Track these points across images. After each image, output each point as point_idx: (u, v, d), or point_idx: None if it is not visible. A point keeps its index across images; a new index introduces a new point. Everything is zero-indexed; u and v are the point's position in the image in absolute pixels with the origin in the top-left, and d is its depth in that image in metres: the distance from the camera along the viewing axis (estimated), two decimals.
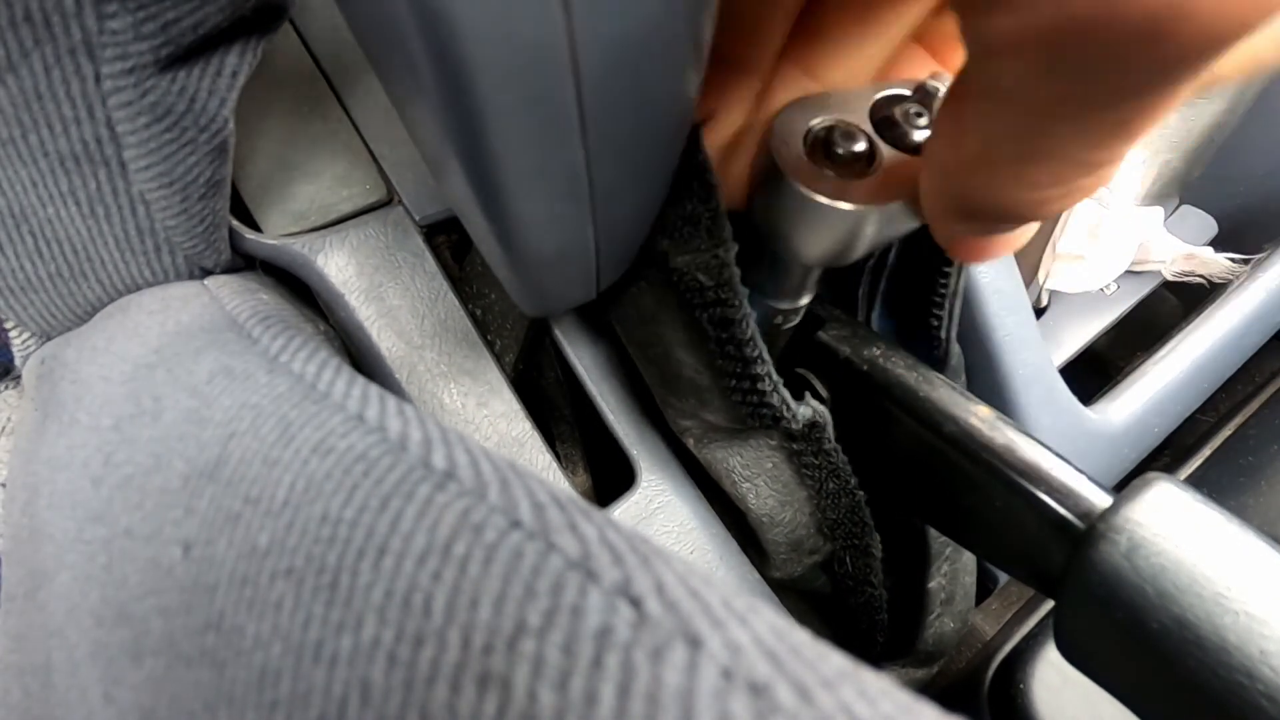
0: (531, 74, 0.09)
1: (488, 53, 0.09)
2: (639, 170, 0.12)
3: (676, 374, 0.20)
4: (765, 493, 0.21)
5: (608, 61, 0.09)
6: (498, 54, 0.09)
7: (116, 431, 0.15)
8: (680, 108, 0.12)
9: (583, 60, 0.09)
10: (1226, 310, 0.26)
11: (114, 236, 0.18)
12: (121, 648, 0.12)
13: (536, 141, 0.10)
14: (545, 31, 0.09)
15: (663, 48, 0.10)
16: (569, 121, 0.10)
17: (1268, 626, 0.13)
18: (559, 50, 0.09)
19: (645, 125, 0.11)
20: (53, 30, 0.14)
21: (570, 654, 0.08)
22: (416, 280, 0.21)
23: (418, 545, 0.09)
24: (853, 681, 0.07)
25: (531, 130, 0.10)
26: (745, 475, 0.21)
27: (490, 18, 0.08)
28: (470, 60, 0.09)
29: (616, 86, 0.10)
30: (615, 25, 0.09)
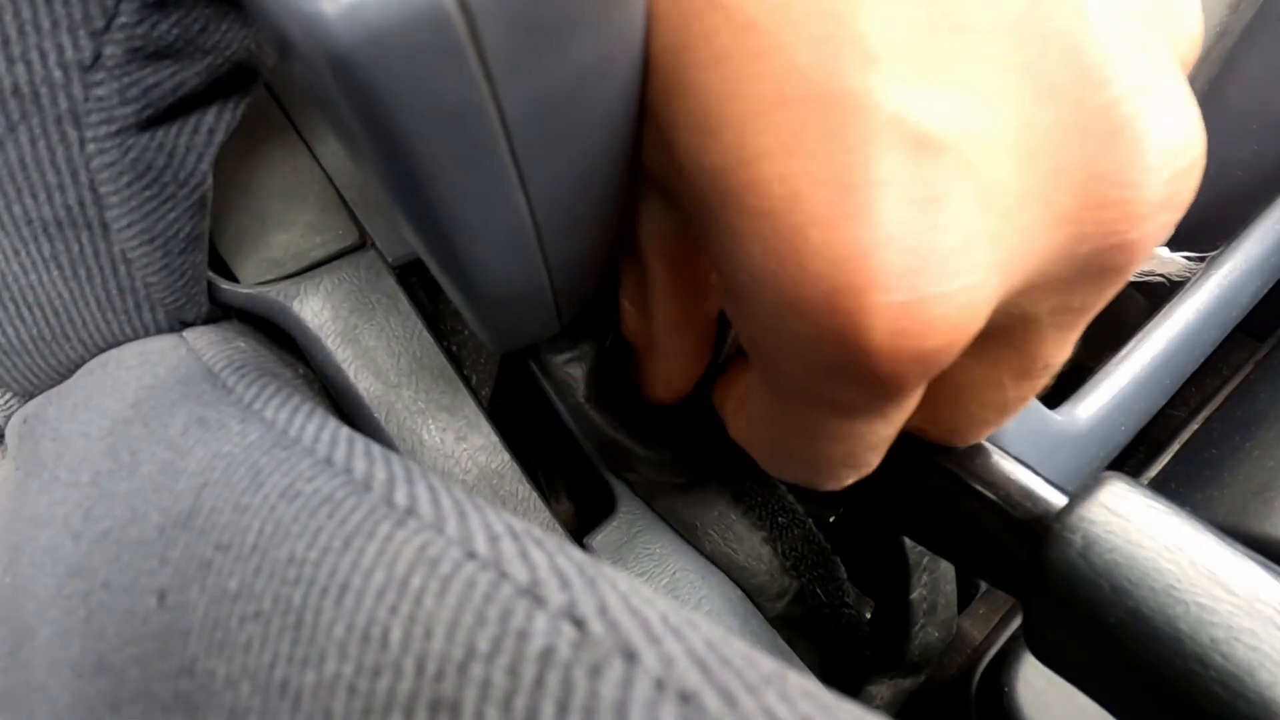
0: (463, 136, 0.10)
1: (417, 120, 0.09)
2: (584, 210, 0.13)
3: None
4: (717, 539, 0.22)
5: (535, 117, 0.10)
6: (426, 121, 0.09)
7: (95, 486, 0.15)
8: (617, 148, 0.12)
9: (511, 119, 0.10)
10: (1184, 308, 0.27)
11: (95, 297, 0.19)
12: (100, 698, 0.12)
13: (476, 194, 0.11)
14: (471, 98, 0.09)
15: (590, 100, 0.10)
16: (506, 174, 0.11)
17: (1217, 615, 0.13)
18: (487, 113, 0.09)
19: (583, 168, 0.12)
20: (40, 103, 0.15)
21: (515, 675, 0.08)
22: (391, 320, 0.22)
23: (377, 581, 0.10)
24: (776, 685, 0.08)
25: (470, 185, 0.11)
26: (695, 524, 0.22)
27: (416, 90, 0.09)
28: (402, 129, 0.09)
29: (548, 138, 0.11)
30: (537, 84, 0.10)
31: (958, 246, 0.10)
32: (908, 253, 0.09)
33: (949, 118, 0.09)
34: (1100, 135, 0.10)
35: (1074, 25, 0.10)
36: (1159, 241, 0.11)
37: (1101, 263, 0.11)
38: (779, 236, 0.10)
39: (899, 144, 0.09)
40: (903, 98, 0.09)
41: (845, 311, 0.10)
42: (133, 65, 0.15)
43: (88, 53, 0.15)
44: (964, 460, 0.18)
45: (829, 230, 0.09)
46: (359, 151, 0.11)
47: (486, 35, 0.09)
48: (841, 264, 0.09)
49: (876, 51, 0.09)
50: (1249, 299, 0.30)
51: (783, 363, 0.12)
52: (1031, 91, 0.10)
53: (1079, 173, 0.10)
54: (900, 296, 0.10)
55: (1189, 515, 0.15)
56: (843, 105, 0.09)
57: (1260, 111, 0.35)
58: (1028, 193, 0.10)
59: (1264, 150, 0.35)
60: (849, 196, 0.09)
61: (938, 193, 0.09)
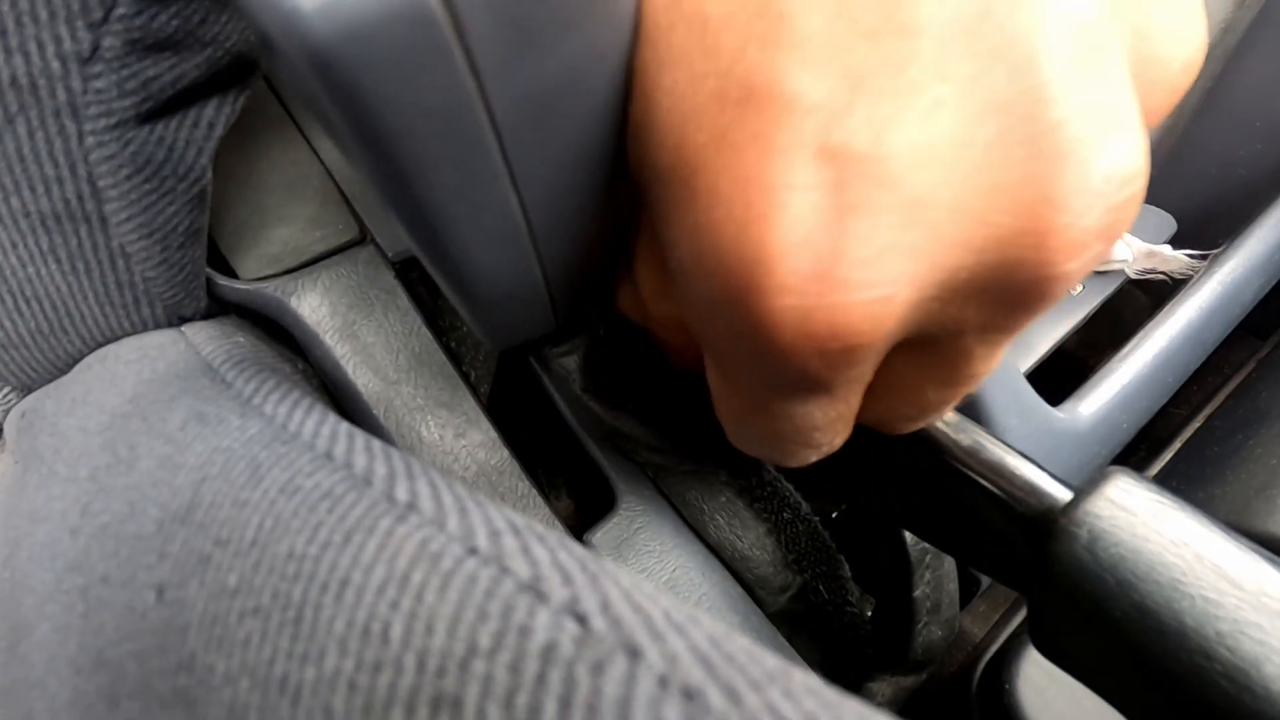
0: (451, 135, 0.09)
1: (403, 120, 0.09)
2: (576, 208, 0.13)
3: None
4: (723, 525, 0.22)
5: (525, 114, 0.10)
6: (414, 120, 0.09)
7: (93, 481, 0.15)
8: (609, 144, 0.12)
9: (500, 117, 0.10)
10: (1186, 306, 0.27)
11: (94, 291, 0.18)
12: (99, 693, 0.12)
13: (467, 193, 0.11)
14: (458, 96, 0.09)
15: (578, 96, 0.10)
16: (496, 172, 0.10)
17: (1222, 609, 0.13)
18: (475, 111, 0.09)
19: (574, 165, 0.12)
20: (39, 94, 0.15)
21: (517, 671, 0.08)
22: (390, 316, 0.22)
23: (377, 576, 0.10)
24: (780, 682, 0.08)
25: (460, 183, 0.10)
26: (702, 508, 0.22)
27: (401, 89, 0.08)
28: (388, 128, 0.09)
29: (538, 135, 0.10)
30: (526, 83, 0.09)
31: (868, 257, 0.10)
32: (815, 259, 0.09)
33: (876, 128, 0.09)
34: (1046, 157, 0.09)
35: (1026, 38, 0.09)
36: (1092, 267, 0.11)
37: (1034, 285, 0.11)
38: (701, 231, 0.10)
39: (819, 152, 0.09)
40: (830, 105, 0.09)
41: (754, 310, 0.10)
42: (131, 57, 0.15)
43: (86, 44, 0.15)
44: (969, 455, 0.18)
45: (743, 229, 0.10)
46: (348, 151, 0.10)
47: (472, 31, 0.08)
48: (751, 264, 0.10)
49: (813, 56, 0.09)
50: (1251, 297, 0.30)
51: (715, 347, 0.12)
52: (974, 104, 0.09)
53: (1022, 194, 0.10)
54: (804, 301, 0.10)
55: (1194, 510, 0.15)
56: (772, 108, 0.09)
57: (1263, 110, 0.35)
58: (961, 208, 0.10)
59: (1267, 149, 0.35)
60: (764, 198, 0.09)
61: (853, 201, 0.09)
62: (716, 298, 0.11)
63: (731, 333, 0.11)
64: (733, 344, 0.11)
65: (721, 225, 0.10)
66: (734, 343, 0.11)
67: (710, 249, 0.10)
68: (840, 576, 0.22)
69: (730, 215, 0.10)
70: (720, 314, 0.11)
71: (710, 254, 0.10)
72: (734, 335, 0.11)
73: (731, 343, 0.11)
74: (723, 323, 0.11)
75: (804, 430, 0.14)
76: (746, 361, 0.12)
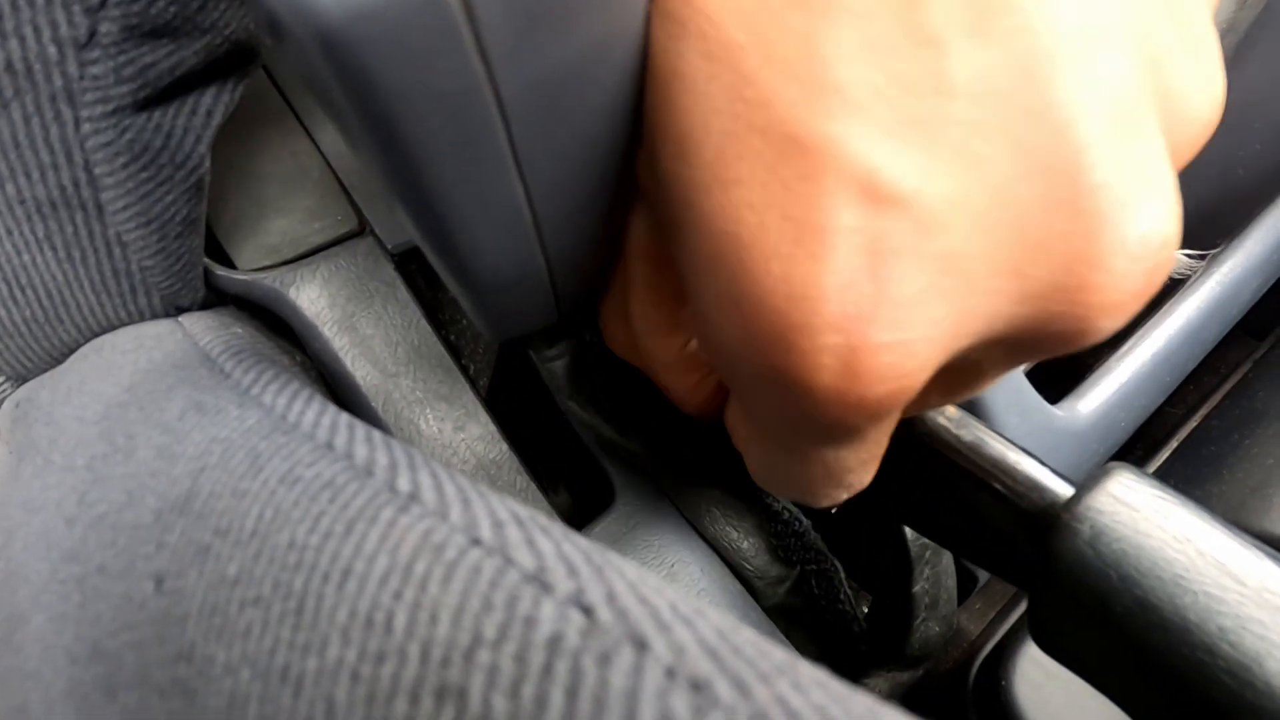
0: (459, 121, 0.09)
1: (411, 103, 0.09)
2: (583, 200, 0.13)
3: None
4: (719, 516, 0.22)
5: (533, 102, 0.10)
6: (422, 105, 0.09)
7: (90, 471, 0.15)
8: (618, 135, 0.12)
9: (508, 103, 0.09)
10: (1184, 306, 0.27)
11: (90, 280, 0.18)
12: (95, 684, 0.12)
13: (473, 180, 0.11)
14: (467, 81, 0.09)
15: (588, 85, 0.10)
16: (504, 161, 0.10)
17: (1225, 604, 0.13)
18: (484, 97, 0.09)
19: (582, 155, 0.12)
20: (34, 79, 0.15)
21: (522, 662, 0.08)
22: (389, 308, 0.22)
23: (380, 566, 0.10)
24: (789, 674, 0.07)
25: (466, 170, 0.10)
26: (698, 501, 0.22)
27: (409, 71, 0.08)
28: (395, 113, 0.09)
29: (546, 124, 0.10)
30: (536, 68, 0.09)
31: (910, 300, 0.10)
32: (861, 300, 0.10)
33: (916, 177, 0.09)
34: (1085, 218, 0.10)
35: (1066, 102, 0.09)
36: (1121, 323, 0.11)
37: (1063, 338, 0.11)
38: (742, 266, 0.10)
39: (863, 196, 0.09)
40: (874, 153, 0.09)
41: (796, 350, 0.10)
42: (129, 43, 0.15)
43: (83, 29, 0.14)
44: (971, 450, 0.18)
45: (789, 266, 0.10)
46: (353, 136, 0.10)
47: (483, 15, 0.08)
48: (797, 301, 0.10)
49: (855, 102, 0.09)
50: (1250, 297, 0.30)
51: (744, 389, 0.12)
52: (1017, 164, 0.10)
53: (1061, 251, 0.10)
54: (849, 340, 0.10)
55: (1196, 506, 0.15)
56: (818, 149, 0.09)
57: (1263, 110, 0.35)
58: (997, 261, 0.10)
59: (1266, 149, 0.35)
60: (813, 238, 0.09)
61: (896, 246, 0.09)
62: (752, 334, 0.10)
63: (767, 375, 0.11)
64: (766, 387, 0.11)
65: (767, 261, 0.10)
66: (768, 386, 0.11)
67: (751, 283, 0.10)
68: (830, 576, 0.22)
69: (777, 251, 0.10)
70: (753, 353, 0.11)
71: (751, 289, 0.10)
72: (769, 378, 0.11)
73: (765, 386, 0.11)
74: (757, 364, 0.11)
75: (836, 473, 0.14)
76: (780, 406, 0.11)
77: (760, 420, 0.13)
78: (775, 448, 0.14)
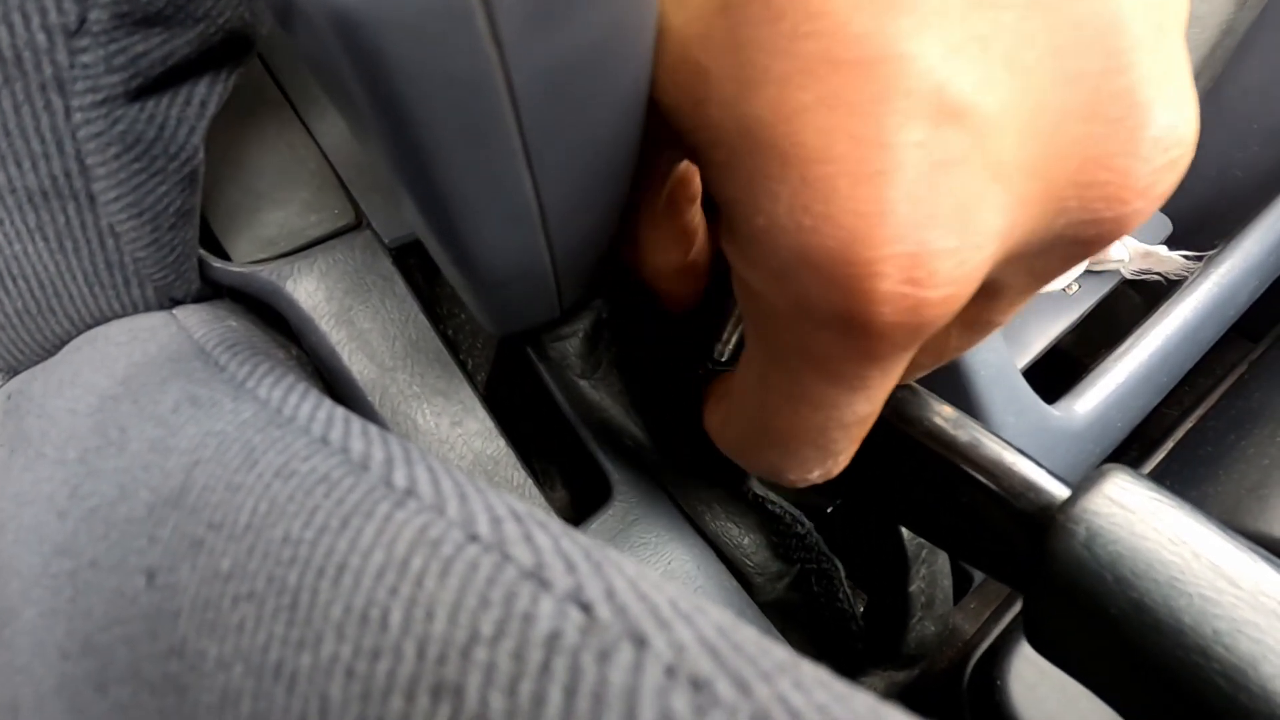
0: (469, 106, 0.09)
1: (423, 88, 0.09)
2: (590, 193, 0.13)
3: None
4: (719, 512, 0.22)
5: (545, 91, 0.10)
6: (433, 89, 0.09)
7: (82, 464, 0.15)
8: (626, 131, 0.12)
9: (519, 91, 0.09)
10: (1181, 307, 0.27)
11: (83, 271, 0.18)
12: (86, 679, 0.12)
13: (482, 169, 0.10)
14: (479, 66, 0.09)
15: (599, 75, 0.10)
16: (512, 150, 0.10)
17: (1220, 607, 0.13)
18: (495, 82, 0.09)
19: (590, 150, 0.11)
20: (24, 67, 0.14)
21: (520, 659, 0.08)
22: (386, 303, 0.22)
23: (376, 562, 0.10)
24: (790, 673, 0.07)
25: (476, 159, 0.10)
26: (697, 496, 0.22)
27: (423, 55, 0.08)
28: (406, 96, 0.09)
29: (556, 114, 0.10)
30: (548, 57, 0.09)
31: (965, 206, 0.10)
32: (921, 209, 0.10)
33: (977, 89, 0.10)
34: (1105, 119, 0.10)
35: (1108, 8, 0.10)
36: (1134, 226, 0.12)
37: (1075, 237, 0.12)
38: (808, 185, 0.10)
39: (932, 110, 0.10)
40: (943, 68, 0.10)
41: (861, 260, 0.10)
42: (120, 31, 0.15)
43: (72, 16, 0.14)
44: (967, 451, 0.18)
45: (857, 184, 0.10)
46: (361, 121, 0.10)
47: None
48: (865, 215, 0.10)
49: (927, 20, 0.10)
50: (1246, 298, 0.30)
51: (780, 315, 0.12)
52: (1057, 73, 0.10)
53: (1075, 151, 0.11)
54: (911, 248, 0.10)
55: (1192, 508, 0.15)
56: (888, 69, 0.10)
57: (1261, 113, 0.35)
58: (1029, 166, 0.10)
59: (1263, 152, 0.35)
60: (881, 154, 0.10)
61: (954, 157, 0.10)
62: (812, 254, 0.11)
63: (814, 292, 0.11)
64: (807, 306, 0.11)
65: (833, 180, 0.10)
66: (812, 304, 0.11)
67: (818, 201, 0.10)
68: (829, 575, 0.22)
69: (843, 170, 0.10)
70: (810, 273, 0.11)
71: (817, 206, 0.10)
72: (816, 294, 0.11)
73: (806, 305, 0.11)
74: (805, 282, 0.11)
75: (828, 428, 0.14)
76: (815, 327, 0.12)
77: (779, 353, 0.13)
78: (780, 392, 0.14)
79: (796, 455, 0.15)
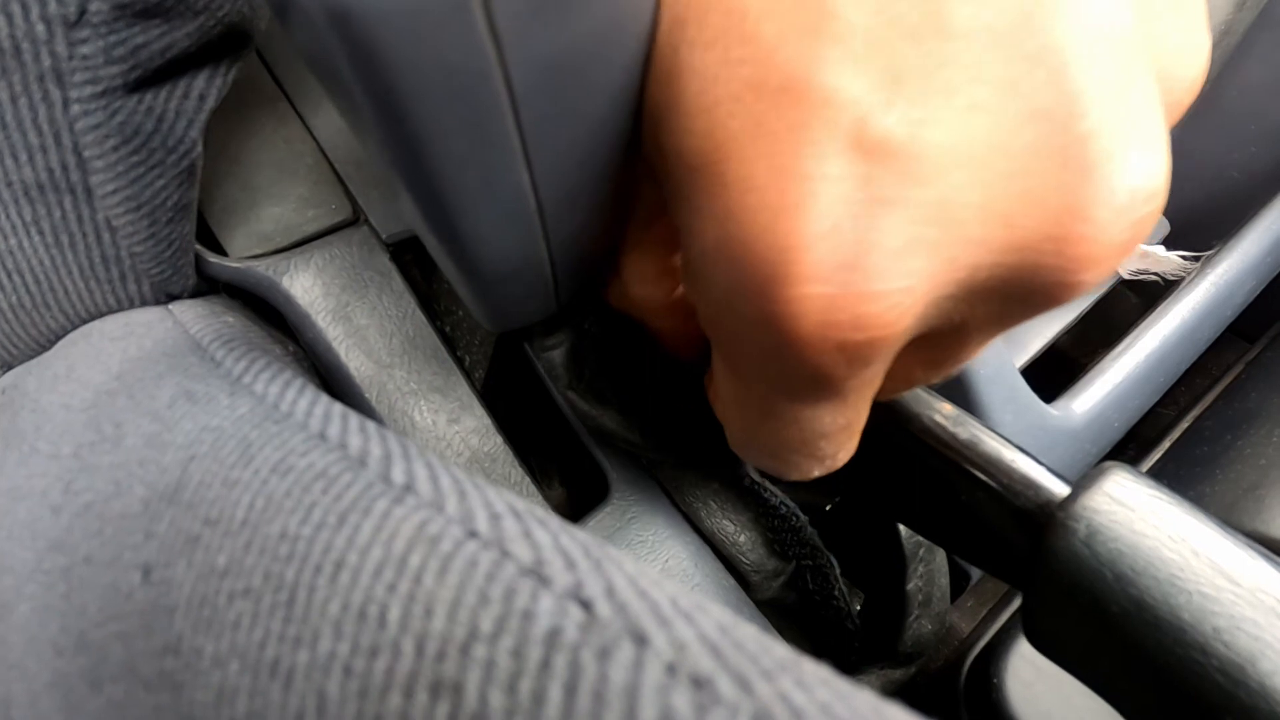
0: (466, 98, 0.09)
1: (420, 80, 0.09)
2: (587, 187, 0.12)
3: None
4: (715, 509, 0.22)
5: (542, 84, 0.10)
6: (430, 81, 0.09)
7: (77, 459, 0.14)
8: (623, 125, 0.12)
9: (517, 84, 0.09)
10: (1179, 307, 0.27)
11: (78, 265, 0.18)
12: (81, 675, 0.12)
13: (478, 163, 0.10)
14: (476, 58, 0.09)
15: (597, 68, 0.10)
16: (509, 143, 0.10)
17: (1219, 604, 0.13)
18: (492, 75, 0.09)
19: (588, 143, 0.11)
20: (21, 58, 0.14)
21: (520, 657, 0.08)
22: (384, 299, 0.22)
23: (374, 558, 0.09)
24: (792, 672, 0.07)
25: (472, 152, 0.10)
26: (695, 494, 0.22)
27: (419, 47, 0.08)
28: (403, 90, 0.09)
29: (553, 107, 0.10)
30: (546, 49, 0.09)
31: (895, 250, 0.10)
32: (844, 249, 0.10)
33: (912, 126, 0.09)
34: (1075, 167, 0.10)
35: (1064, 46, 0.09)
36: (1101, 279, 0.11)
37: (1047, 290, 0.11)
38: (731, 217, 0.10)
39: (854, 145, 0.09)
40: (869, 101, 0.09)
41: (779, 299, 0.10)
42: (119, 23, 0.15)
43: (72, 7, 0.14)
44: (966, 448, 0.18)
45: (775, 217, 0.10)
46: (358, 116, 0.10)
47: None
48: (781, 251, 0.10)
49: (855, 51, 0.09)
50: (1243, 299, 0.30)
51: (732, 342, 0.12)
52: (1012, 110, 0.10)
53: (1050, 201, 0.10)
54: (830, 289, 0.10)
55: (1192, 506, 0.15)
56: (811, 99, 0.09)
57: (1258, 114, 0.35)
58: (988, 210, 0.10)
59: (1261, 152, 0.35)
60: (798, 186, 0.10)
61: (884, 196, 0.10)
62: (740, 286, 0.11)
63: (750, 324, 0.11)
64: (750, 337, 0.11)
65: (754, 213, 0.10)
66: (751, 336, 0.11)
67: (739, 235, 0.10)
68: (825, 572, 0.22)
69: (763, 202, 0.10)
70: (741, 304, 0.11)
71: (738, 240, 0.10)
72: (753, 327, 0.11)
73: (748, 336, 0.11)
74: (742, 313, 0.11)
75: (811, 439, 0.14)
76: (761, 357, 0.11)
77: (742, 376, 0.13)
78: (754, 407, 0.14)
79: (789, 460, 0.15)
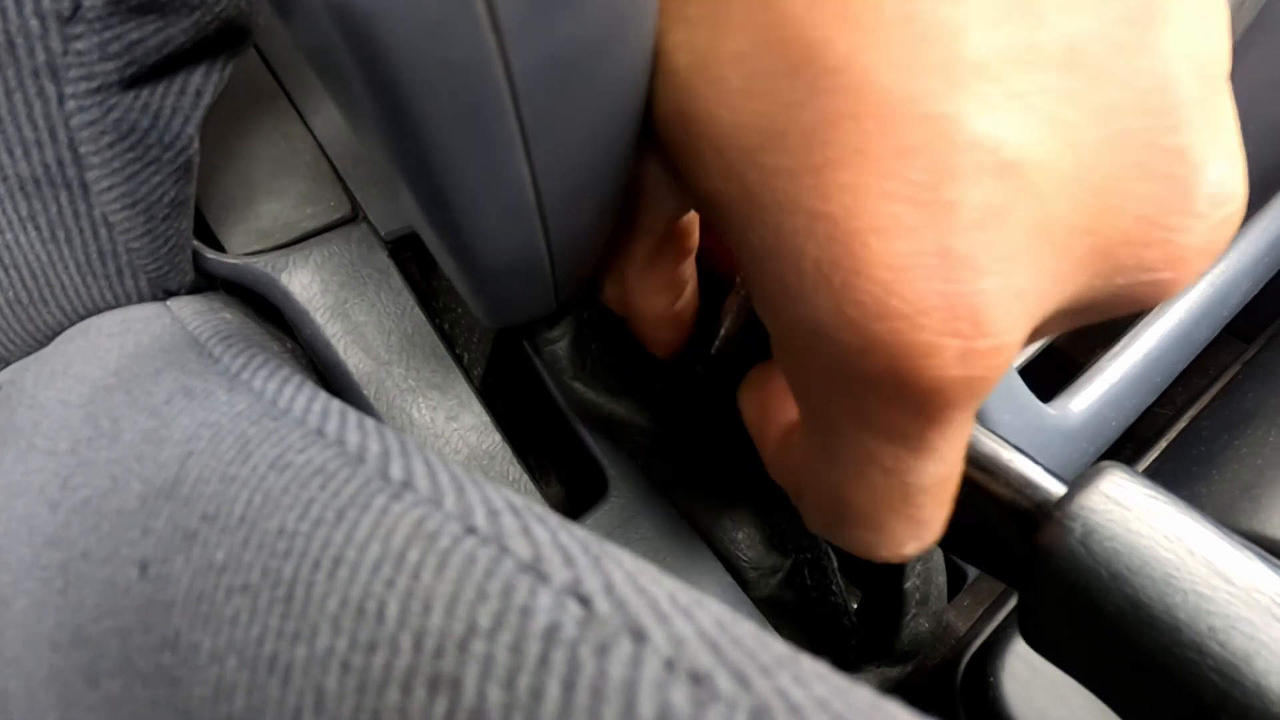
0: (468, 93, 0.09)
1: (421, 75, 0.09)
2: (588, 184, 0.12)
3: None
4: (714, 506, 0.22)
5: (544, 79, 0.10)
6: (431, 75, 0.09)
7: (74, 455, 0.14)
8: (625, 122, 0.12)
9: (518, 78, 0.09)
10: (1176, 307, 0.27)
11: (75, 261, 0.18)
12: (78, 671, 0.12)
13: (479, 157, 0.10)
14: (478, 52, 0.09)
15: (598, 64, 0.10)
16: (510, 137, 0.10)
17: (1215, 604, 0.13)
18: (493, 69, 0.09)
19: (588, 139, 0.11)
20: (16, 54, 0.14)
21: (518, 653, 0.08)
22: (382, 296, 0.22)
23: (372, 554, 0.09)
24: (790, 667, 0.07)
25: (473, 147, 0.10)
26: (694, 491, 0.22)
27: (421, 41, 0.08)
28: (405, 83, 0.09)
29: (556, 103, 0.10)
30: (548, 44, 0.09)
31: (1010, 258, 0.10)
32: (961, 264, 0.10)
33: (1022, 145, 0.10)
34: (1158, 177, 0.10)
35: (1156, 68, 0.10)
36: (1189, 283, 0.11)
37: (1130, 295, 0.11)
38: (836, 241, 0.10)
39: (976, 167, 0.10)
40: (980, 123, 0.10)
41: (897, 314, 0.10)
42: (115, 18, 0.15)
43: (66, 2, 0.14)
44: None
45: (888, 239, 0.10)
46: (358, 111, 0.10)
47: None
48: (898, 270, 0.10)
49: (959, 79, 0.09)
50: (1240, 299, 0.30)
51: (825, 379, 0.12)
52: (1102, 132, 0.10)
53: (1129, 209, 0.10)
54: (951, 299, 0.10)
55: (1187, 506, 0.15)
56: (924, 126, 0.10)
57: (1257, 114, 0.35)
58: (1079, 225, 0.10)
59: (1259, 153, 0.35)
60: (914, 210, 0.10)
61: (996, 211, 0.10)
62: (842, 309, 0.10)
63: (851, 351, 0.11)
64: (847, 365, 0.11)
65: (864, 234, 0.10)
66: (851, 363, 0.11)
67: (847, 257, 0.10)
68: (823, 566, 0.22)
69: (874, 226, 0.10)
70: (841, 330, 0.11)
71: (847, 262, 0.10)
72: (854, 353, 0.11)
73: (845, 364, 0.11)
74: (842, 340, 0.11)
75: (912, 494, 0.13)
76: (859, 386, 0.11)
77: (833, 422, 0.13)
78: (849, 462, 0.13)
79: (884, 529, 0.14)
